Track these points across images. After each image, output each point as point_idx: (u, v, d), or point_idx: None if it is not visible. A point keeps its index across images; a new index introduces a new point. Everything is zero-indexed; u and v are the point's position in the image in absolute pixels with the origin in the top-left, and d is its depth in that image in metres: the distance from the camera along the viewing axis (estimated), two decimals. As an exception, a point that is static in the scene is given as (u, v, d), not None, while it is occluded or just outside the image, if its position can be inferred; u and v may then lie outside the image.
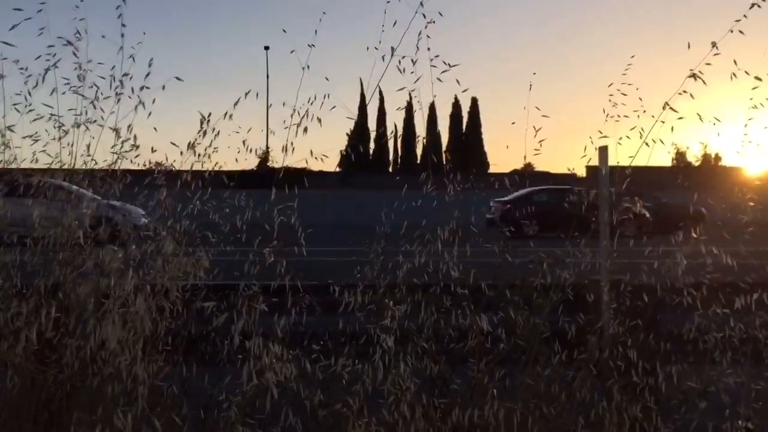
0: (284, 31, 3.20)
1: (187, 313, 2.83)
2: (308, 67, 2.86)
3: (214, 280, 2.89)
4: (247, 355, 2.63)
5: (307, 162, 2.95)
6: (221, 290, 2.93)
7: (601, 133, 3.05)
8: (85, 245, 2.77)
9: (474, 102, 64.20)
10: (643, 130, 2.93)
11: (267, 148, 3.05)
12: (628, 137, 2.97)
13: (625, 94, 2.94)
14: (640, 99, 2.91)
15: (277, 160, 3.10)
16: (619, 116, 2.98)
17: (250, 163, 3.02)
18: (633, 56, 2.97)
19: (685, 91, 2.85)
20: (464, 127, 63.10)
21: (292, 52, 2.81)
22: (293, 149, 2.87)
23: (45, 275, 2.76)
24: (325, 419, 2.74)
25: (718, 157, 59.89)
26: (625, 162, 3.07)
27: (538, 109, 3.00)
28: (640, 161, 3.05)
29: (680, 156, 60.08)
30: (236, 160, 2.91)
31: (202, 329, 2.92)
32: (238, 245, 2.99)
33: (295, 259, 2.92)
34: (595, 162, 3.28)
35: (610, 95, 2.95)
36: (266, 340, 2.66)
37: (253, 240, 2.95)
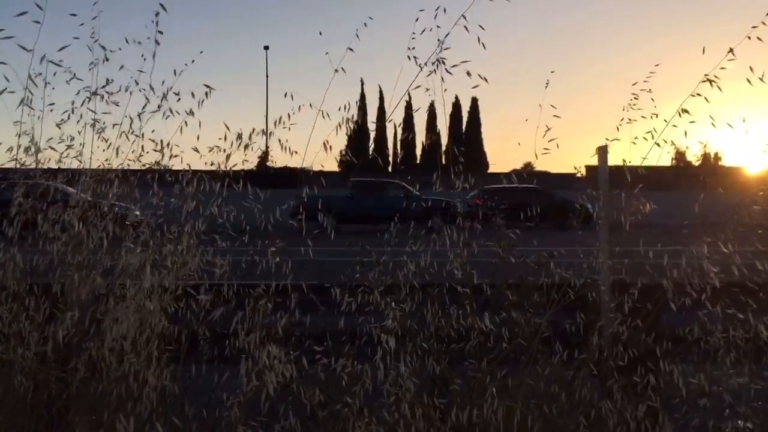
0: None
1: (191, 312, 2.83)
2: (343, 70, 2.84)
3: (218, 280, 2.88)
4: (247, 356, 2.63)
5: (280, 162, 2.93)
6: (225, 289, 2.92)
7: (618, 130, 3.04)
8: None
9: (474, 101, 64.40)
10: (655, 130, 2.93)
11: (266, 147, 3.04)
12: (644, 138, 2.96)
13: (637, 98, 2.94)
14: (653, 100, 2.91)
15: (275, 160, 3.09)
16: (632, 118, 2.98)
17: (250, 162, 3.01)
18: (657, 65, 2.96)
19: (699, 94, 2.85)
20: (464, 126, 63.26)
21: (326, 53, 2.79)
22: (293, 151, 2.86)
23: (52, 275, 2.77)
24: (325, 419, 2.74)
25: (717, 157, 60.02)
26: (637, 163, 3.06)
27: (553, 107, 2.97)
28: (640, 161, 3.05)
29: (680, 155, 60.20)
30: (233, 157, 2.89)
31: (206, 329, 2.92)
32: (242, 245, 2.99)
33: (300, 258, 2.93)
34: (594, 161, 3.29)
35: (633, 95, 2.95)
36: (266, 340, 2.66)
37: (256, 239, 2.95)
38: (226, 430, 2.64)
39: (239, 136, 2.82)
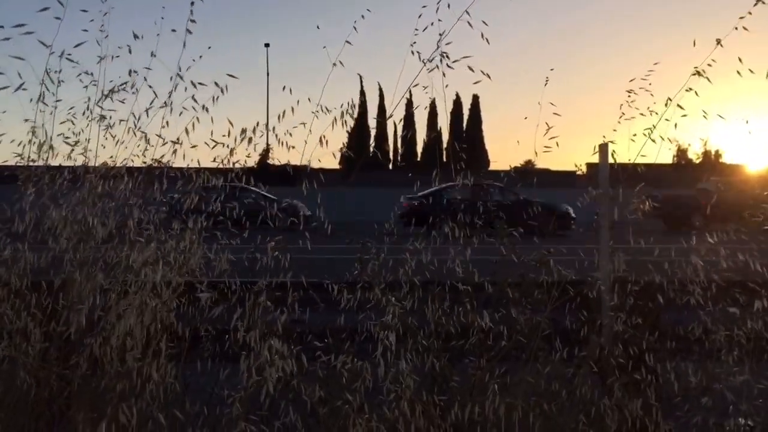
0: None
1: (193, 309, 2.84)
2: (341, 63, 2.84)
3: (218, 278, 2.88)
4: (248, 351, 2.64)
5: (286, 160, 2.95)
6: (225, 287, 2.92)
7: (615, 131, 3.05)
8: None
9: (475, 99, 64.33)
10: (654, 127, 2.94)
11: (267, 145, 3.04)
12: (644, 134, 2.96)
13: (636, 93, 2.94)
14: (652, 95, 2.92)
15: (277, 158, 3.10)
16: (629, 116, 2.98)
17: (251, 159, 3.01)
18: (656, 63, 2.96)
19: (690, 89, 2.85)
20: (465, 124, 63.20)
21: (324, 47, 2.80)
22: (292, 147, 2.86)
23: (54, 271, 2.77)
24: (325, 416, 2.75)
25: (718, 154, 59.96)
26: (635, 161, 3.05)
27: (553, 104, 2.97)
28: (642, 159, 3.05)
29: (681, 153, 60.12)
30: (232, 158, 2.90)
31: (207, 326, 2.93)
32: (243, 241, 3.00)
33: (299, 256, 2.93)
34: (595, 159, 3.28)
35: (631, 91, 2.95)
36: (267, 335, 2.66)
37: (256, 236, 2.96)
38: (226, 427, 2.64)
39: (243, 132, 2.83)
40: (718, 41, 2.77)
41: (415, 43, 2.84)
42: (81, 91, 2.84)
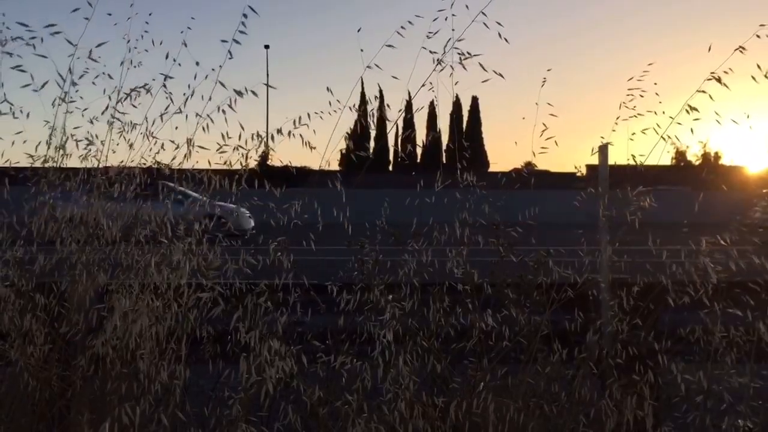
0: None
1: (195, 311, 2.84)
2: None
3: (220, 279, 2.89)
4: (248, 352, 2.65)
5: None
6: (226, 288, 2.93)
7: (614, 130, 3.03)
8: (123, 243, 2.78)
9: (474, 100, 64.27)
10: (659, 125, 2.93)
11: (267, 147, 3.04)
12: (644, 132, 2.95)
13: (641, 96, 2.93)
14: (657, 94, 2.90)
15: (278, 159, 3.10)
16: (630, 115, 2.97)
17: (251, 162, 3.01)
18: (651, 63, 2.94)
19: (704, 91, 2.84)
20: (464, 125, 63.16)
21: (362, 50, 2.77)
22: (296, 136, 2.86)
23: (57, 272, 2.78)
24: (325, 417, 2.75)
25: (717, 156, 59.93)
26: (636, 161, 3.04)
27: (550, 105, 2.96)
28: (641, 159, 3.05)
29: (680, 154, 60.04)
30: (240, 162, 2.90)
31: (209, 327, 2.94)
32: (244, 243, 3.00)
33: (301, 257, 2.93)
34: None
35: (633, 89, 2.94)
36: (267, 336, 2.67)
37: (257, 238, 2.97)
38: (227, 428, 2.65)
39: (259, 135, 2.84)
40: (741, 47, 2.76)
41: (423, 47, 2.83)
42: (100, 93, 2.84)
